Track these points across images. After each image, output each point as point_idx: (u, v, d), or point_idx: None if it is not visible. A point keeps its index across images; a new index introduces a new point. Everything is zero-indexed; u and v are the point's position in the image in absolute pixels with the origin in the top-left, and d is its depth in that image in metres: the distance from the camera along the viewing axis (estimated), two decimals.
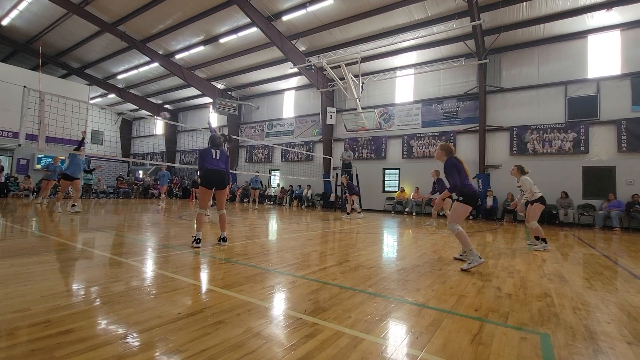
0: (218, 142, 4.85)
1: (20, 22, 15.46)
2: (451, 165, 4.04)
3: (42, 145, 5.98)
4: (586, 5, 10.68)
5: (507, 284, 3.27)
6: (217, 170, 4.58)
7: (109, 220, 7.39)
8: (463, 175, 4.03)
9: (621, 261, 4.94)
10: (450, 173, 4.03)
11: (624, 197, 10.46)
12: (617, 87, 11.14)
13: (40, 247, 4.11)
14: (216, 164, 4.62)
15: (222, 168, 4.67)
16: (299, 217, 10.89)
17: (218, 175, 4.59)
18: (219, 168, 4.62)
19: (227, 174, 4.74)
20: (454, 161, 4.07)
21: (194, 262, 3.73)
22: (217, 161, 4.65)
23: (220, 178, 4.61)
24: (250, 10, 12.38)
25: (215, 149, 4.74)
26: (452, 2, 11.20)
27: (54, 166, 10.19)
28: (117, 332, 1.84)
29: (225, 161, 4.76)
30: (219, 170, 4.60)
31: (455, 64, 12.96)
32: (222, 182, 4.65)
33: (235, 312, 2.22)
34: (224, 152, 4.81)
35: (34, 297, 2.33)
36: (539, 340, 2.01)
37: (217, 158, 4.67)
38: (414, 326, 2.14)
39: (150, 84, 21.11)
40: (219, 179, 4.61)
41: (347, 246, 5.29)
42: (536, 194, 5.70)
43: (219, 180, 4.62)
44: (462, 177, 4.01)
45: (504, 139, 12.93)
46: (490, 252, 5.15)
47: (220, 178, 4.62)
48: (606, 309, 2.65)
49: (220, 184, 4.64)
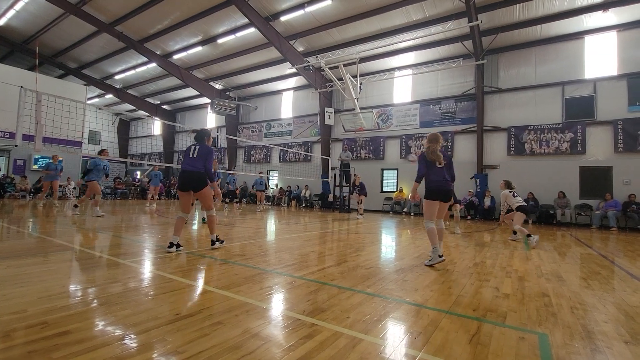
0: (200, 135, 4.60)
1: (17, 22, 15.38)
2: (420, 157, 4.20)
3: (39, 146, 5.95)
4: (583, 7, 10.74)
5: (505, 284, 3.28)
6: (189, 172, 4.30)
7: (106, 221, 7.35)
8: (432, 169, 4.11)
9: (618, 261, 4.96)
10: (419, 162, 4.19)
11: (621, 197, 10.52)
12: (614, 87, 11.20)
13: (37, 249, 4.08)
14: (191, 164, 4.33)
15: (197, 168, 4.31)
16: (297, 217, 10.89)
17: (189, 177, 4.30)
18: (192, 169, 4.30)
19: (204, 173, 4.34)
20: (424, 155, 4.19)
21: (192, 262, 3.72)
22: (192, 160, 4.34)
23: (191, 180, 4.31)
24: (248, 11, 12.37)
25: (195, 145, 4.47)
26: (449, 3, 11.23)
27: (54, 165, 10.10)
28: (114, 334, 1.83)
29: (206, 156, 4.38)
30: (191, 171, 4.29)
31: (453, 64, 12.99)
32: (196, 185, 4.32)
33: (234, 313, 2.22)
34: (204, 147, 4.45)
35: (31, 299, 2.31)
36: (537, 340, 2.02)
37: (193, 156, 4.36)
38: (412, 326, 2.15)
39: (148, 84, 21.04)
40: (190, 181, 4.31)
41: (345, 246, 5.29)
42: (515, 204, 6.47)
43: (191, 182, 4.31)
44: (428, 169, 4.12)
45: (501, 139, 12.98)
46: (488, 252, 5.17)
47: (192, 180, 4.30)
48: (603, 309, 2.66)
49: (194, 186, 4.33)
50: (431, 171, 4.11)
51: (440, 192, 4.08)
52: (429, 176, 4.12)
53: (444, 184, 4.10)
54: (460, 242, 6.19)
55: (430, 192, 4.09)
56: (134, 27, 14.96)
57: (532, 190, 11.68)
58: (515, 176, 12.28)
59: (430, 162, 4.11)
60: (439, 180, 4.09)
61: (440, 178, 4.10)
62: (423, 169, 4.13)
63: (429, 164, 4.12)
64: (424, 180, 4.20)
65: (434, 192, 4.08)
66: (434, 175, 4.11)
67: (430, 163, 4.11)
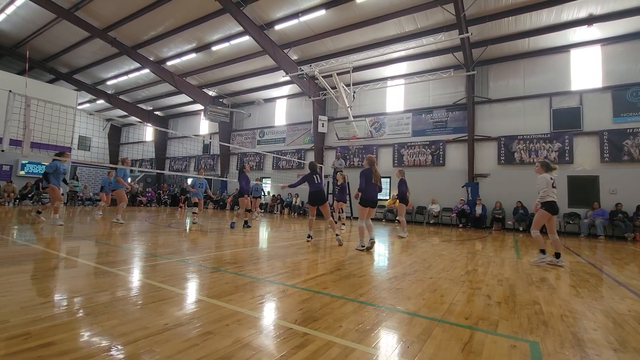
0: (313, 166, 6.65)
1: (7, 25, 15.22)
2: (362, 173, 5.58)
3: (26, 151, 5.84)
4: (568, 21, 11.11)
5: (497, 292, 3.30)
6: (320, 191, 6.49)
7: (94, 228, 7.21)
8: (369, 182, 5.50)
9: (606, 269, 5.04)
10: (360, 177, 5.57)
11: (607, 206, 10.74)
12: (599, 99, 11.54)
13: (22, 256, 3.97)
14: (318, 186, 6.51)
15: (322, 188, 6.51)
16: (289, 225, 10.83)
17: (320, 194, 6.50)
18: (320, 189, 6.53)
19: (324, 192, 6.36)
20: (367, 171, 5.54)
21: (182, 271, 3.66)
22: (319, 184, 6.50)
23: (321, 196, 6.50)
24: (242, 19, 12.47)
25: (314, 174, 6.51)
26: (441, 16, 11.51)
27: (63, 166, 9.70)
28: (100, 345, 1.78)
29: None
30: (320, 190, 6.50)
31: (444, 74, 13.25)
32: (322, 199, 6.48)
33: (224, 323, 2.18)
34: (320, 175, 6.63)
35: (13, 309, 2.24)
36: (529, 348, 2.02)
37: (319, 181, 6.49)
38: (405, 335, 2.14)
39: (141, 90, 20.93)
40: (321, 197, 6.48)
41: (338, 254, 5.27)
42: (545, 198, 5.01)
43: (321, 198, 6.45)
44: (367, 184, 5.48)
45: (492, 148, 13.20)
46: (479, 260, 5.20)
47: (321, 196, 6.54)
48: (593, 316, 2.69)
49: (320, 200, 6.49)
50: (369, 186, 5.52)
51: (372, 201, 5.57)
52: (366, 189, 5.49)
53: (375, 196, 5.66)
54: (453, 250, 6.23)
55: (366, 201, 5.53)
56: (127, 33, 14.93)
57: (522, 199, 11.85)
58: (505, 185, 12.53)
59: (369, 179, 5.48)
60: (373, 193, 5.59)
61: (373, 191, 5.58)
62: (364, 183, 5.48)
63: (368, 180, 5.48)
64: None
65: (369, 201, 5.55)
66: (370, 188, 5.54)
67: (370, 180, 5.48)
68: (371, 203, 5.57)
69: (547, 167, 5.15)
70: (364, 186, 5.45)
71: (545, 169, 5.15)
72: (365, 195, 5.48)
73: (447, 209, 13.47)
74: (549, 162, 5.21)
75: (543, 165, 5.19)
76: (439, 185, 13.84)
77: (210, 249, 5.26)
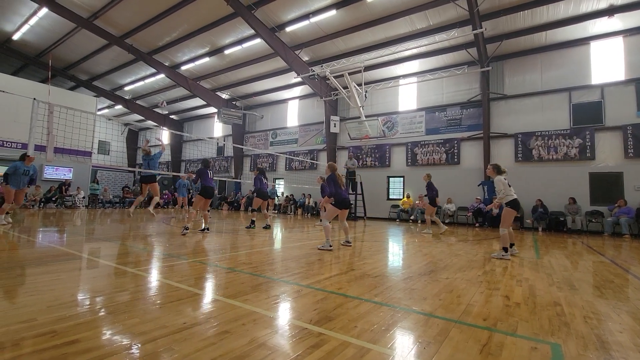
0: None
1: (31, 36, 15.88)
2: (329, 179, 5.92)
3: (50, 156, 6.07)
4: (588, 13, 10.72)
5: (516, 293, 3.22)
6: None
7: (115, 230, 7.43)
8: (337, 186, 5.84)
9: (632, 269, 4.84)
10: (328, 184, 5.93)
11: (633, 203, 10.30)
12: (622, 92, 11.08)
13: (49, 257, 4.14)
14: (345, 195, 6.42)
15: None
16: (303, 225, 10.86)
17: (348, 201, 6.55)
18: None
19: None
20: (332, 176, 5.89)
21: (199, 271, 3.73)
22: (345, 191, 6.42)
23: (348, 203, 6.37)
24: (254, 22, 12.61)
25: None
26: (453, 12, 11.31)
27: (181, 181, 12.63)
28: (122, 343, 1.84)
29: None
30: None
31: (457, 72, 13.01)
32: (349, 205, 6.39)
33: (240, 322, 2.21)
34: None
35: (40, 307, 2.34)
36: (550, 350, 1.97)
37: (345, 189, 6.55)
38: (421, 336, 2.11)
39: (157, 94, 21.42)
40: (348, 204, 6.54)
41: (351, 254, 5.25)
42: (507, 197, 5.41)
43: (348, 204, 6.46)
44: (336, 188, 5.83)
45: (508, 145, 12.87)
46: (497, 260, 5.09)
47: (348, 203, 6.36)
48: (618, 318, 2.59)
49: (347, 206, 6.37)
50: (339, 189, 5.86)
51: (345, 202, 5.94)
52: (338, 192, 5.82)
53: (347, 197, 6.11)
54: (469, 250, 6.11)
55: (340, 203, 5.82)
56: (143, 39, 15.34)
57: (541, 197, 11.52)
58: (523, 183, 12.18)
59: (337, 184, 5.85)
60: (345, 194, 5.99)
61: (344, 193, 5.97)
62: (333, 187, 5.84)
63: (337, 185, 5.85)
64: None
65: (342, 202, 5.86)
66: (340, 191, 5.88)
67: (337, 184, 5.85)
68: (345, 204, 5.91)
69: (498, 169, 5.61)
70: (334, 190, 5.83)
71: (497, 171, 5.59)
72: (339, 197, 5.79)
73: (463, 208, 13.23)
74: (499, 165, 5.69)
75: (494, 168, 5.63)
76: (454, 184, 13.59)
77: (225, 249, 5.34)
